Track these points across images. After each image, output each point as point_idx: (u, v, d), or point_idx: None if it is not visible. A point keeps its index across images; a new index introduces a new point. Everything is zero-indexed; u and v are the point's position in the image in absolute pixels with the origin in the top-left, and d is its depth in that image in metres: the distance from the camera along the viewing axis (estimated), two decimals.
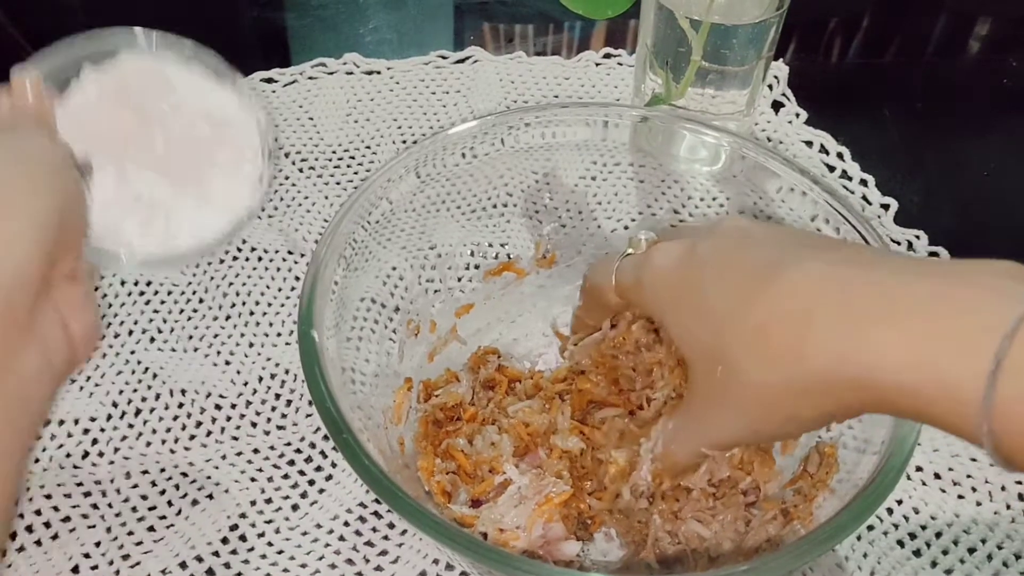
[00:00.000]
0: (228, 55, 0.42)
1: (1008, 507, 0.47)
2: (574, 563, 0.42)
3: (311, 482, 0.48)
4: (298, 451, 0.49)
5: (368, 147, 0.66)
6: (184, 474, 0.48)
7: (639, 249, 0.40)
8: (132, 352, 0.53)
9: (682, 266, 0.36)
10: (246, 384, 0.52)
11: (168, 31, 0.42)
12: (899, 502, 0.48)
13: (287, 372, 0.53)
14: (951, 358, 0.26)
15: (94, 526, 0.45)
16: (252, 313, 0.55)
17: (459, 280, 0.52)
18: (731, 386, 0.33)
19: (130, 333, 0.54)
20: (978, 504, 0.48)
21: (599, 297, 0.43)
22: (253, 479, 0.48)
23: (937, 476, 0.49)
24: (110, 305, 0.55)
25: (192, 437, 0.49)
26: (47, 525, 0.45)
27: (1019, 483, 0.48)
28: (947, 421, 0.27)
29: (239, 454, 0.49)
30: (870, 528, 0.47)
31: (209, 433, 0.50)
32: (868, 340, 0.28)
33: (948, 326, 0.27)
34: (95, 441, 0.49)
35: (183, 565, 0.44)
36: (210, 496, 0.47)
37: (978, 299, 0.27)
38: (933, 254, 0.60)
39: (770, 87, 0.71)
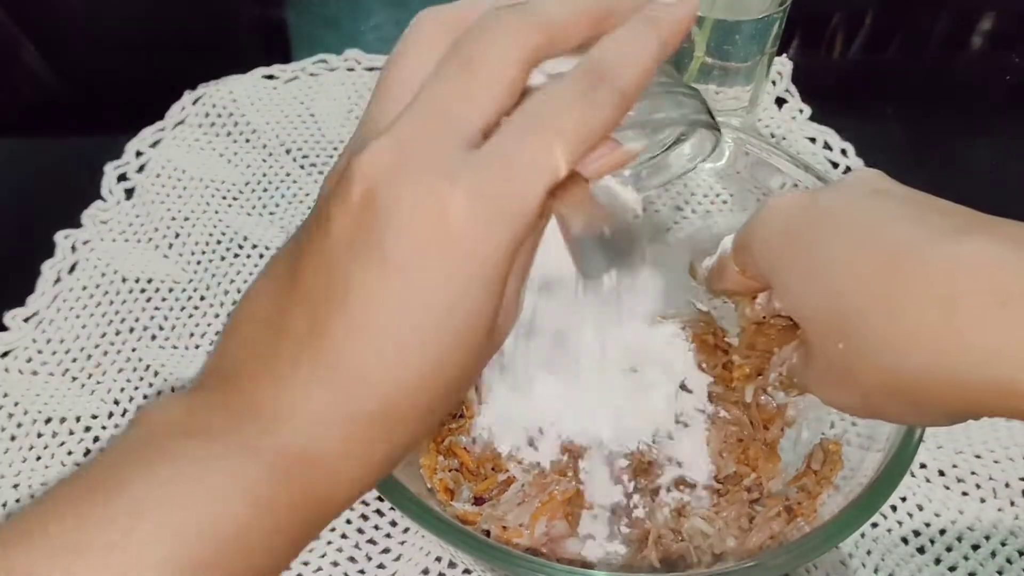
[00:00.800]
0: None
1: (1012, 504, 0.47)
2: (577, 560, 0.41)
3: None
4: None
5: None
6: None
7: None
8: (133, 350, 0.53)
9: (802, 217, 0.31)
10: None
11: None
12: (903, 499, 0.48)
13: None
14: None
15: None
16: None
17: None
18: (854, 366, 0.29)
19: (131, 331, 0.54)
20: (982, 501, 0.47)
21: (722, 271, 0.37)
22: None
23: (941, 473, 0.49)
24: (111, 302, 0.55)
25: None
26: None
27: (1023, 480, 0.48)
28: None
29: None
30: (874, 525, 0.47)
31: None
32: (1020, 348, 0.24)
33: None
34: (96, 439, 0.49)
35: None
36: None
37: None
38: None
39: (774, 83, 0.71)
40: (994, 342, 0.25)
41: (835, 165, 0.65)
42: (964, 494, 0.48)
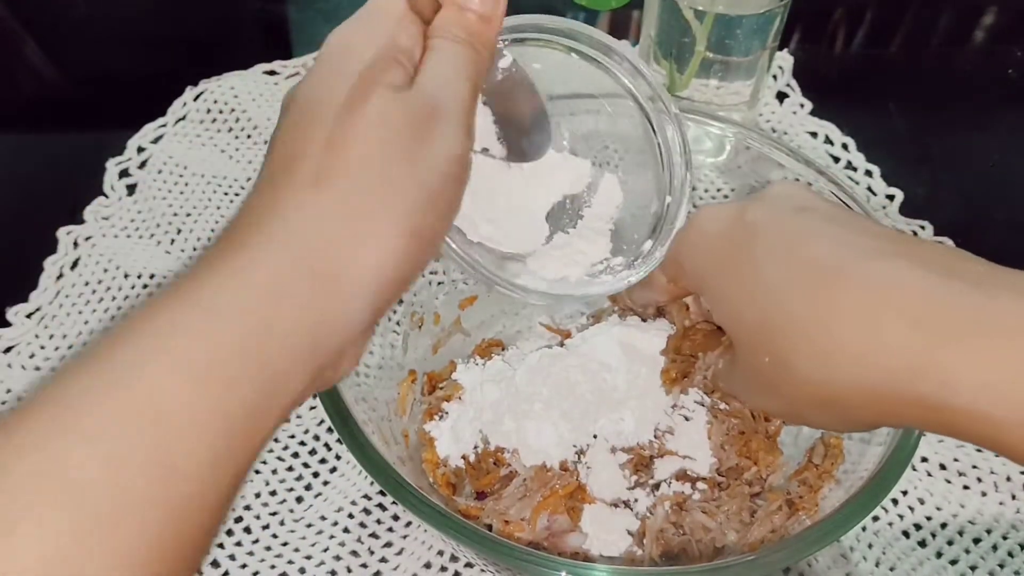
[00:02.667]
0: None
1: (1013, 497, 0.47)
2: (579, 554, 0.41)
3: (316, 475, 0.48)
4: (303, 444, 0.49)
5: None
6: None
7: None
8: None
9: (731, 232, 0.32)
10: None
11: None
12: (904, 493, 0.48)
13: None
14: None
15: None
16: None
17: (462, 272, 0.52)
18: (780, 377, 0.30)
19: None
20: (983, 495, 0.48)
21: (650, 281, 0.38)
22: (258, 472, 0.48)
23: (942, 467, 0.49)
24: (113, 298, 0.55)
25: None
26: None
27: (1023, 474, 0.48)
28: (1020, 450, 0.26)
29: None
30: (875, 519, 0.47)
31: None
32: (943, 361, 0.26)
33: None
34: None
35: None
36: None
37: None
38: None
39: (775, 77, 0.71)
40: (909, 361, 0.26)
41: (836, 159, 0.65)
42: (965, 488, 0.48)
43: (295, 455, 0.49)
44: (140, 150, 0.63)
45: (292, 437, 0.49)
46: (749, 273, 0.31)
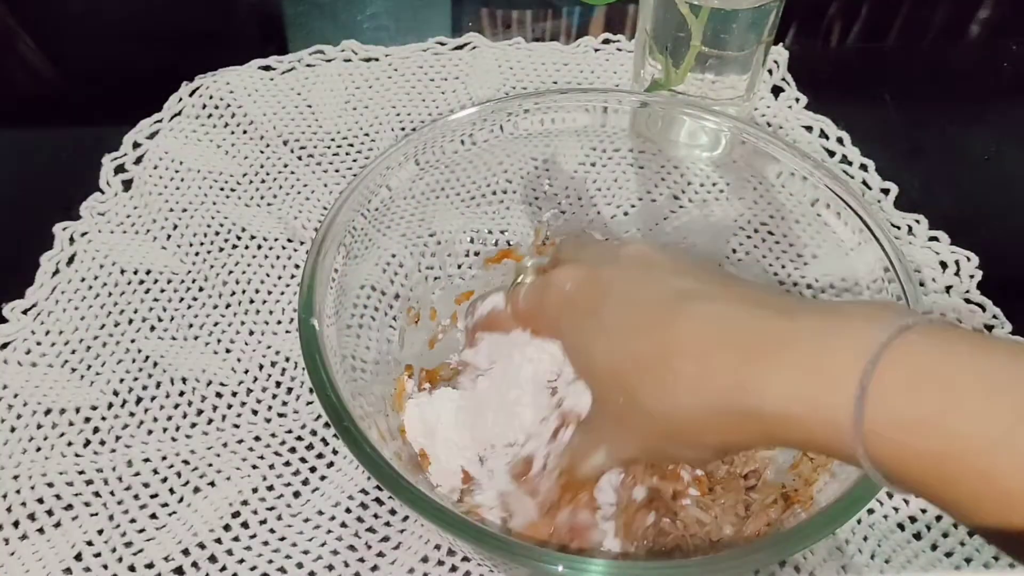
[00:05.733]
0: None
1: None
2: (571, 548, 0.42)
3: (312, 469, 0.48)
4: (299, 438, 0.49)
5: (367, 134, 0.66)
6: (185, 462, 0.48)
7: (527, 275, 0.42)
8: (132, 341, 0.53)
9: (585, 290, 0.37)
10: (247, 372, 0.52)
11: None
12: None
13: (287, 360, 0.53)
14: (824, 387, 0.28)
15: (96, 514, 0.46)
16: (252, 301, 0.55)
17: (459, 267, 0.52)
18: (633, 413, 0.34)
19: (130, 322, 0.54)
20: None
21: (496, 328, 0.42)
22: (254, 466, 0.48)
23: None
24: (110, 294, 0.55)
25: (193, 425, 0.49)
26: (50, 513, 0.46)
27: None
28: (831, 448, 0.29)
29: (240, 442, 0.49)
30: (871, 511, 0.47)
31: (210, 421, 0.50)
32: (755, 375, 0.30)
33: (822, 357, 0.29)
34: (96, 430, 0.49)
35: (185, 552, 0.45)
36: (211, 483, 0.47)
37: (849, 330, 0.29)
38: (933, 239, 0.60)
39: (770, 72, 0.71)
40: (731, 378, 0.30)
41: (831, 154, 0.65)
42: None
43: (292, 450, 0.49)
44: (136, 146, 0.63)
45: (289, 432, 0.49)
46: (600, 323, 0.35)
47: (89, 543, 0.45)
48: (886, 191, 0.63)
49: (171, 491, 0.47)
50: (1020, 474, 0.24)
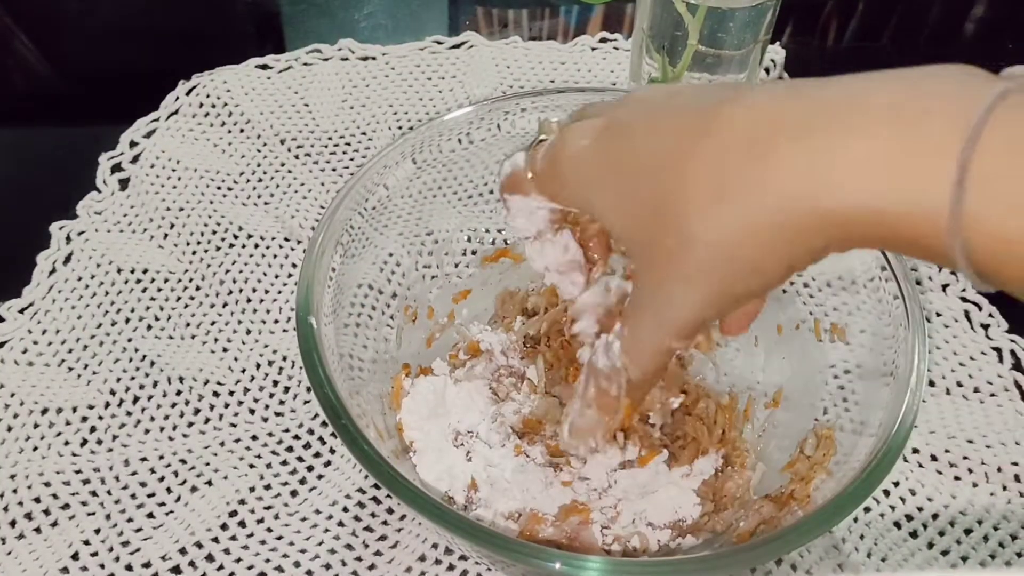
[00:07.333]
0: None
1: (1004, 488, 0.48)
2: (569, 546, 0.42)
3: (309, 468, 0.48)
4: (296, 437, 0.49)
5: (364, 133, 0.66)
6: (183, 461, 0.48)
7: (551, 133, 0.35)
8: (129, 340, 0.53)
9: (605, 136, 0.32)
10: (244, 371, 0.52)
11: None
12: (896, 484, 0.48)
13: (285, 359, 0.53)
14: (915, 172, 0.24)
15: (93, 513, 0.46)
16: (249, 300, 0.55)
17: (456, 266, 0.52)
18: (684, 252, 0.29)
19: (127, 321, 0.54)
20: (974, 485, 0.48)
21: (518, 190, 0.36)
22: (252, 465, 0.48)
23: (933, 458, 0.49)
24: (107, 293, 0.55)
25: (190, 424, 0.49)
26: (46, 512, 0.45)
27: (1015, 464, 0.48)
28: (920, 244, 0.25)
29: (237, 441, 0.49)
30: (867, 510, 0.47)
31: (207, 420, 0.50)
32: (826, 162, 0.25)
33: (909, 137, 0.24)
34: (93, 429, 0.49)
35: (182, 551, 0.44)
36: (209, 483, 0.47)
37: (938, 102, 0.24)
38: None
39: (767, 71, 0.71)
40: (799, 174, 0.26)
41: None
42: (957, 479, 0.48)
43: (289, 449, 0.49)
44: (133, 144, 0.63)
45: (286, 431, 0.49)
46: (630, 164, 0.30)
47: (86, 543, 0.45)
48: None
49: (168, 490, 0.47)
50: None
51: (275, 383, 0.52)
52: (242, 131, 0.65)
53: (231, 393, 0.51)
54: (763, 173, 0.26)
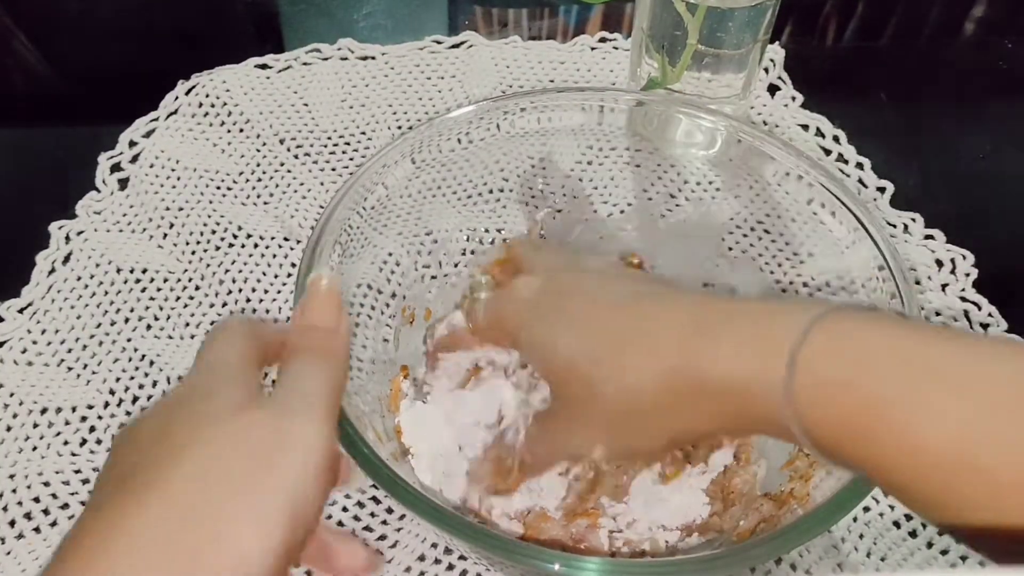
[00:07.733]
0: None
1: None
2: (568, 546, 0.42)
3: None
4: None
5: (363, 133, 0.66)
6: None
7: (481, 290, 0.43)
8: (128, 340, 0.53)
9: (543, 293, 0.39)
10: None
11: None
12: None
13: None
14: (761, 356, 0.30)
15: None
16: (248, 300, 0.55)
17: (455, 266, 0.52)
18: (591, 401, 0.35)
19: (126, 321, 0.54)
20: None
21: (457, 347, 0.45)
22: None
23: None
24: (106, 293, 0.55)
25: None
26: (46, 512, 0.46)
27: None
28: (768, 420, 0.30)
29: None
30: (866, 509, 0.47)
31: None
32: (700, 347, 0.32)
33: (760, 331, 0.31)
34: (92, 429, 0.49)
35: None
36: None
37: (786, 310, 0.31)
38: (929, 237, 0.60)
39: (766, 70, 0.71)
40: (682, 353, 0.33)
41: (827, 152, 0.65)
42: None
43: None
44: (132, 144, 0.63)
45: None
46: (559, 320, 0.37)
47: None
48: (882, 189, 0.63)
49: None
50: (927, 429, 0.26)
51: (275, 383, 0.51)
52: (241, 131, 0.65)
53: None
54: (655, 350, 0.34)
